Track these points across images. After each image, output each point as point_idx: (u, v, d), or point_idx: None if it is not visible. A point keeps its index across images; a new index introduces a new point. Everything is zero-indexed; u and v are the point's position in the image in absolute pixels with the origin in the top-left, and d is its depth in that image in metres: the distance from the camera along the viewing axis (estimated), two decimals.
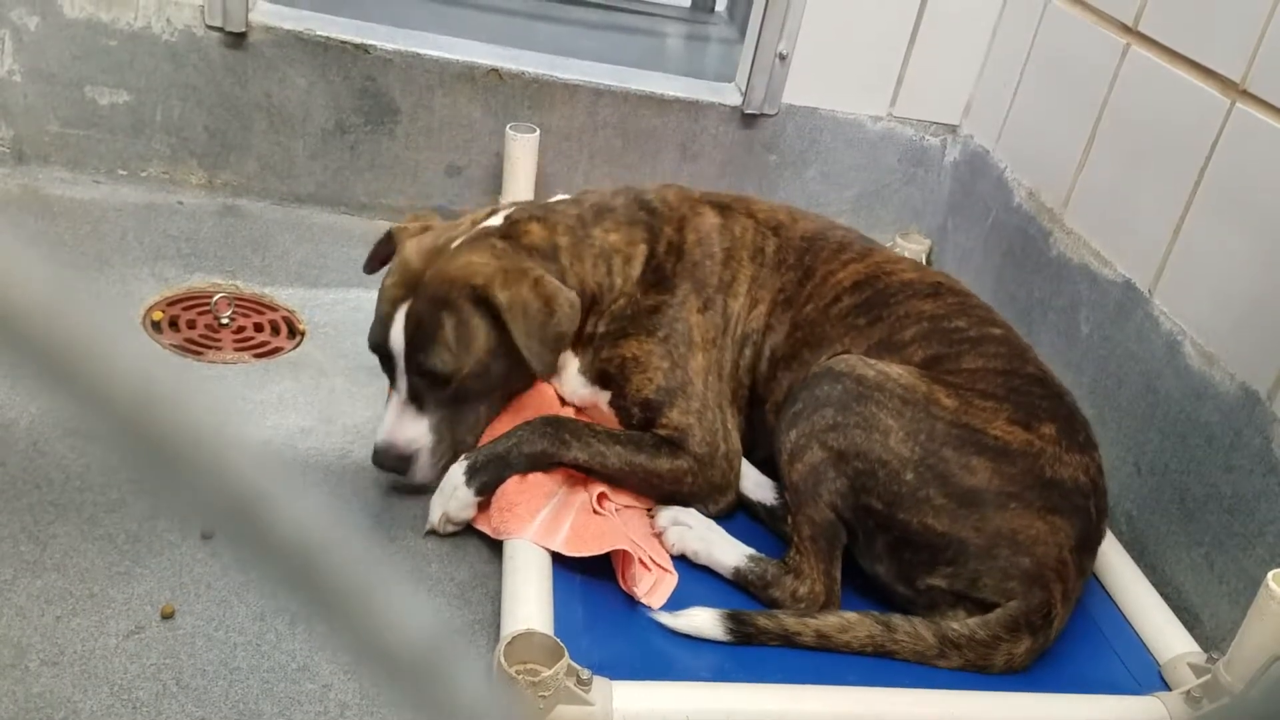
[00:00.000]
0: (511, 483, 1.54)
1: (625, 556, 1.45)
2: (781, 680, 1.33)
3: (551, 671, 1.18)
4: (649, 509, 1.60)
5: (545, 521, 1.50)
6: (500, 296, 1.47)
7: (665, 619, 1.41)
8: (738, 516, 1.64)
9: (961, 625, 1.41)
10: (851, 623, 1.41)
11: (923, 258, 2.48)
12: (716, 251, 1.67)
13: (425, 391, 1.53)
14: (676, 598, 1.46)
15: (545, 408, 1.66)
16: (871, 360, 1.49)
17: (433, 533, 1.56)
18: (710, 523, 1.57)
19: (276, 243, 2.26)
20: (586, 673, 1.23)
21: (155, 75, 2.28)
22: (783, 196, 2.50)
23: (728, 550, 1.52)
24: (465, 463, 1.55)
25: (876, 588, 1.49)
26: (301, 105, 2.34)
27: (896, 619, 1.42)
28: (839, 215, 2.51)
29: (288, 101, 2.33)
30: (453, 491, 1.54)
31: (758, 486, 1.65)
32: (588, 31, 3.05)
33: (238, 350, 1.91)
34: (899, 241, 2.50)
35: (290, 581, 0.31)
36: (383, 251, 1.69)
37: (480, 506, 1.55)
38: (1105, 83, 1.99)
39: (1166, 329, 1.75)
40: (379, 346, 1.56)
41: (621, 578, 1.45)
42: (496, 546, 1.52)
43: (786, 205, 1.82)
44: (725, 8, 3.47)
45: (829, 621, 1.40)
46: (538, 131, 2.31)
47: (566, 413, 1.67)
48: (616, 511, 1.56)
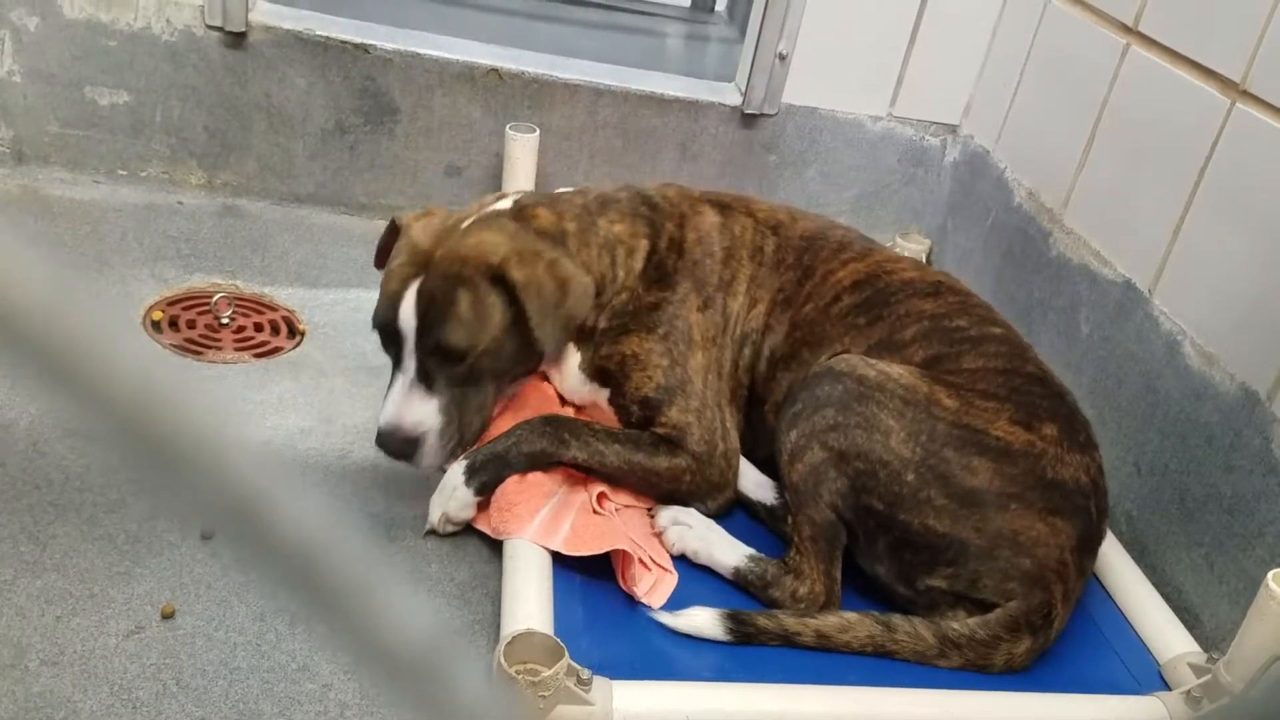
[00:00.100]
0: (511, 482, 1.54)
1: (625, 556, 1.45)
2: (781, 680, 1.33)
3: (551, 671, 1.18)
4: (649, 509, 1.60)
5: (545, 521, 1.50)
6: (516, 275, 1.46)
7: (665, 619, 1.41)
8: (738, 516, 1.64)
9: (961, 625, 1.41)
10: (851, 623, 1.41)
11: (923, 258, 2.48)
12: (716, 250, 1.67)
13: (436, 371, 1.49)
14: (676, 597, 1.46)
15: (545, 407, 1.66)
16: (872, 360, 1.48)
17: (432, 533, 1.56)
18: (710, 522, 1.57)
19: (276, 243, 2.26)
20: (586, 672, 1.23)
21: (155, 75, 2.28)
22: (783, 196, 2.50)
23: (728, 550, 1.52)
24: (464, 463, 1.55)
25: (877, 588, 1.49)
26: (301, 105, 2.34)
27: (896, 619, 1.42)
28: (839, 215, 2.51)
29: (287, 101, 2.33)
30: (452, 491, 1.54)
31: (758, 486, 1.65)
32: (588, 31, 3.05)
33: (237, 350, 1.91)
34: (899, 241, 2.50)
35: (290, 582, 0.31)
36: (388, 242, 1.66)
37: (480, 506, 1.55)
38: (1105, 83, 1.99)
39: (1166, 329, 1.75)
40: (386, 325, 1.50)
41: (621, 578, 1.45)
42: (496, 546, 1.52)
43: (786, 205, 1.82)
44: (725, 7, 3.47)
45: (829, 621, 1.40)
46: (538, 131, 2.31)
47: (566, 412, 1.67)
48: (616, 511, 1.56)
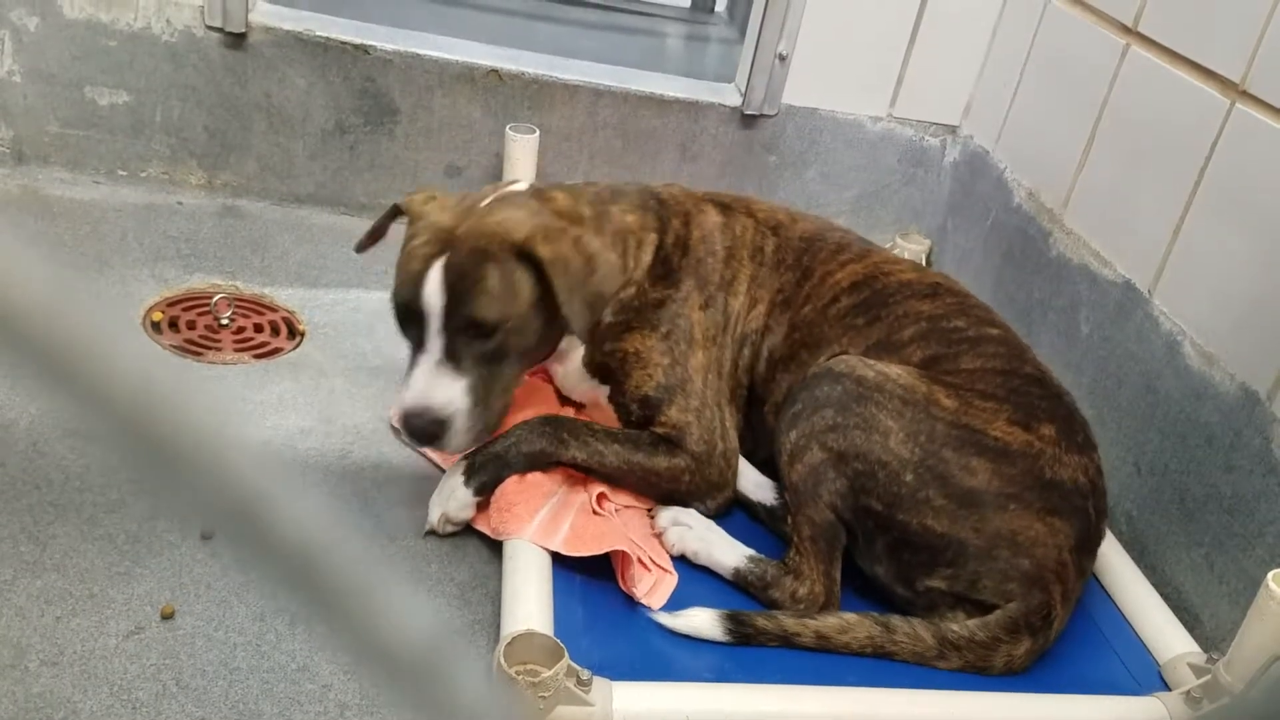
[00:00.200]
0: (510, 483, 1.54)
1: (625, 557, 1.45)
2: (781, 681, 1.33)
3: (551, 672, 1.18)
4: (649, 509, 1.61)
5: (544, 522, 1.50)
6: (543, 251, 1.44)
7: (664, 619, 1.41)
8: (737, 517, 1.64)
9: (961, 627, 1.41)
10: (851, 624, 1.41)
11: (922, 258, 2.48)
12: (718, 249, 1.67)
13: (463, 349, 1.44)
14: (676, 598, 1.46)
15: (544, 407, 1.66)
16: (871, 361, 1.48)
17: (432, 533, 1.56)
18: (710, 523, 1.57)
19: (276, 243, 2.26)
20: (586, 673, 1.23)
21: (155, 76, 2.28)
22: (782, 197, 2.50)
23: (727, 551, 1.52)
24: (464, 463, 1.55)
25: (876, 589, 1.49)
26: (301, 106, 2.34)
27: (896, 620, 1.42)
28: (839, 216, 2.51)
29: (287, 102, 2.33)
30: (451, 492, 1.54)
31: (758, 487, 1.65)
32: (587, 32, 3.05)
33: (237, 351, 1.90)
34: (899, 242, 2.50)
35: (290, 582, 0.31)
36: (385, 225, 1.62)
37: (479, 507, 1.55)
38: (1105, 83, 1.99)
39: (1166, 329, 1.75)
40: (409, 303, 1.46)
41: (621, 578, 1.45)
42: (496, 547, 1.52)
43: (785, 206, 1.82)
44: (725, 8, 3.47)
45: (828, 622, 1.41)
46: (537, 132, 2.31)
47: (565, 413, 1.67)
48: (616, 512, 1.56)
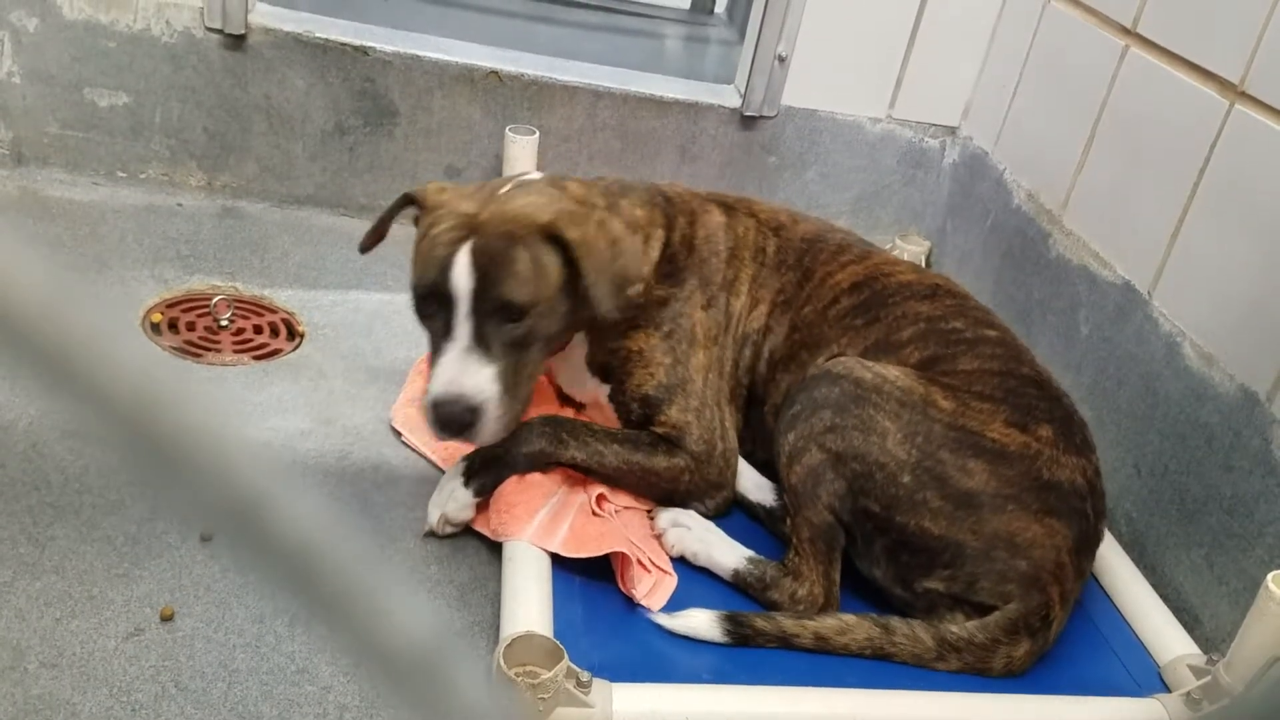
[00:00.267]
0: (510, 484, 1.54)
1: (624, 558, 1.45)
2: (780, 682, 1.33)
3: (551, 674, 1.18)
4: (648, 510, 1.61)
5: (544, 523, 1.50)
6: (571, 233, 1.44)
7: (664, 620, 1.41)
8: (737, 518, 1.64)
9: (960, 628, 1.41)
10: (850, 625, 1.41)
11: (922, 259, 2.48)
12: (722, 250, 1.67)
13: (492, 334, 1.42)
14: (675, 599, 1.46)
15: (544, 407, 1.66)
16: (869, 363, 1.49)
17: (431, 534, 1.56)
18: (710, 524, 1.57)
19: (276, 244, 2.26)
20: (586, 675, 1.23)
21: (154, 77, 2.28)
22: (782, 198, 2.50)
23: (727, 552, 1.52)
24: (463, 464, 1.55)
25: (875, 590, 1.49)
26: (300, 107, 2.34)
27: (895, 621, 1.42)
28: (838, 217, 2.51)
29: (287, 103, 2.33)
30: (451, 493, 1.54)
31: (757, 488, 1.65)
32: (587, 33, 3.05)
33: (237, 352, 1.90)
34: (898, 243, 2.50)
35: (290, 583, 0.31)
36: (392, 217, 1.58)
37: (479, 508, 1.55)
38: (1104, 84, 1.99)
39: (1166, 330, 1.75)
40: (435, 288, 1.42)
41: (621, 579, 1.45)
42: (496, 548, 1.52)
43: (787, 207, 1.83)
44: (724, 9, 3.47)
45: (827, 624, 1.41)
46: (537, 133, 2.31)
47: (565, 413, 1.67)
48: (616, 513, 1.56)
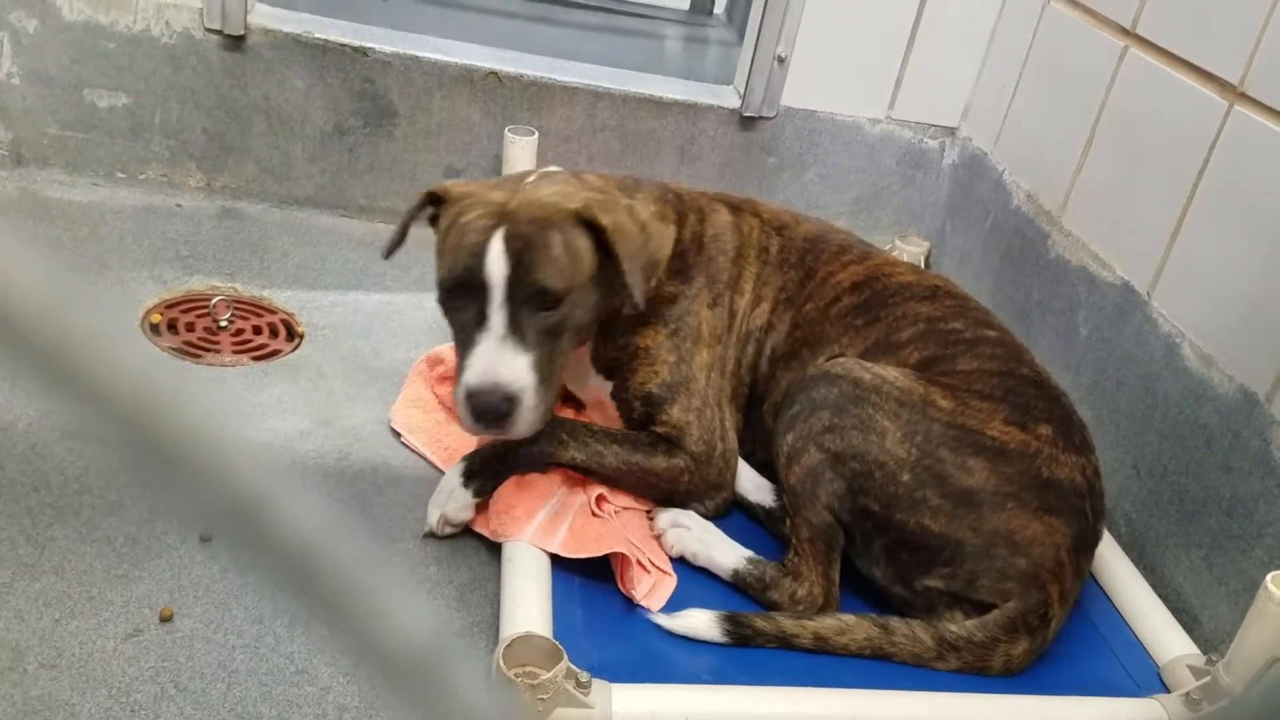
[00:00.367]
0: (509, 485, 1.54)
1: (624, 559, 1.45)
2: (780, 683, 1.33)
3: (550, 674, 1.18)
4: (648, 511, 1.61)
5: (543, 523, 1.50)
6: (604, 219, 1.44)
7: (663, 621, 1.41)
8: (736, 518, 1.65)
9: (959, 627, 1.41)
10: (849, 625, 1.41)
11: (921, 260, 2.48)
12: (729, 248, 1.68)
13: (527, 323, 1.41)
14: (675, 599, 1.46)
15: None
16: (868, 364, 1.49)
17: (431, 535, 1.56)
18: (709, 525, 1.57)
19: (275, 245, 2.26)
20: (585, 675, 1.23)
21: (154, 78, 2.28)
22: (781, 199, 2.50)
23: (726, 552, 1.52)
24: (463, 464, 1.55)
25: (874, 590, 1.49)
26: (300, 108, 2.34)
27: (894, 621, 1.42)
28: (838, 217, 2.51)
29: (286, 104, 2.33)
30: (450, 493, 1.54)
31: (756, 488, 1.65)
32: (586, 34, 3.05)
33: (236, 353, 1.90)
34: (898, 244, 2.50)
35: (289, 584, 0.31)
36: (414, 217, 1.56)
37: (478, 508, 1.56)
38: (1103, 85, 1.99)
39: (1165, 331, 1.75)
40: (469, 275, 1.40)
41: (620, 580, 1.45)
42: (495, 549, 1.52)
43: (789, 208, 1.83)
44: (724, 10, 3.47)
45: (827, 624, 1.41)
46: (536, 134, 2.31)
47: (565, 413, 1.67)
48: (615, 514, 1.56)
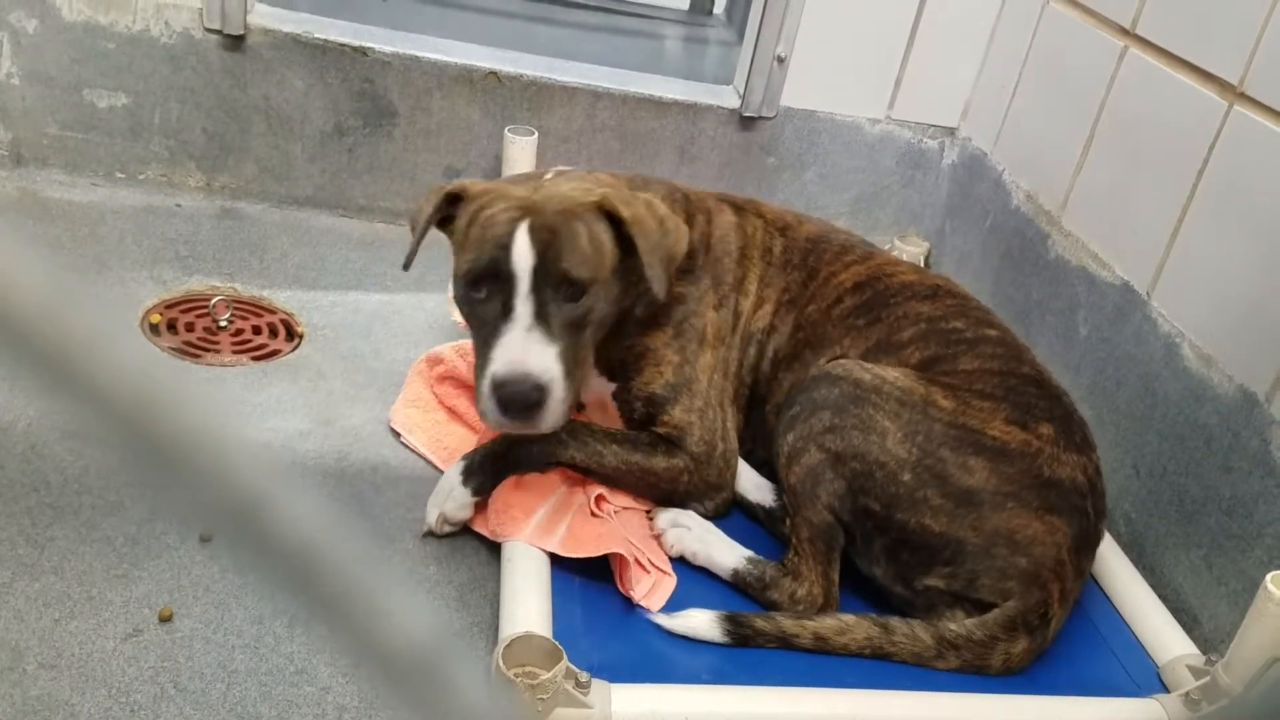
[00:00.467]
0: (508, 484, 1.54)
1: (622, 560, 1.44)
2: (780, 683, 1.33)
3: (550, 674, 1.18)
4: (647, 511, 1.61)
5: (542, 523, 1.50)
6: (624, 211, 1.46)
7: (663, 621, 1.41)
8: (736, 518, 1.64)
9: (959, 626, 1.41)
10: (849, 625, 1.41)
11: (921, 260, 2.48)
12: (733, 249, 1.68)
13: (553, 313, 1.40)
14: (675, 599, 1.46)
15: None
16: (868, 364, 1.49)
17: (430, 534, 1.56)
18: (709, 524, 1.57)
19: (275, 245, 2.26)
20: (585, 675, 1.23)
21: (153, 78, 2.28)
22: (781, 199, 2.50)
23: (726, 552, 1.52)
24: (462, 463, 1.55)
25: (875, 590, 1.49)
26: (300, 108, 2.34)
27: (894, 621, 1.42)
28: (837, 218, 2.51)
29: (286, 104, 2.33)
30: (449, 492, 1.54)
31: (756, 488, 1.65)
32: (586, 34, 3.05)
33: (236, 353, 1.90)
34: (897, 244, 2.50)
35: (289, 584, 0.31)
36: (433, 220, 1.51)
37: (478, 507, 1.56)
38: (1103, 85, 1.99)
39: (1165, 331, 1.75)
40: (494, 265, 1.39)
41: (620, 580, 1.45)
42: (495, 549, 1.52)
43: (791, 208, 1.83)
44: (723, 10, 3.47)
45: (827, 624, 1.41)
46: (536, 134, 2.31)
47: None
48: (615, 513, 1.56)
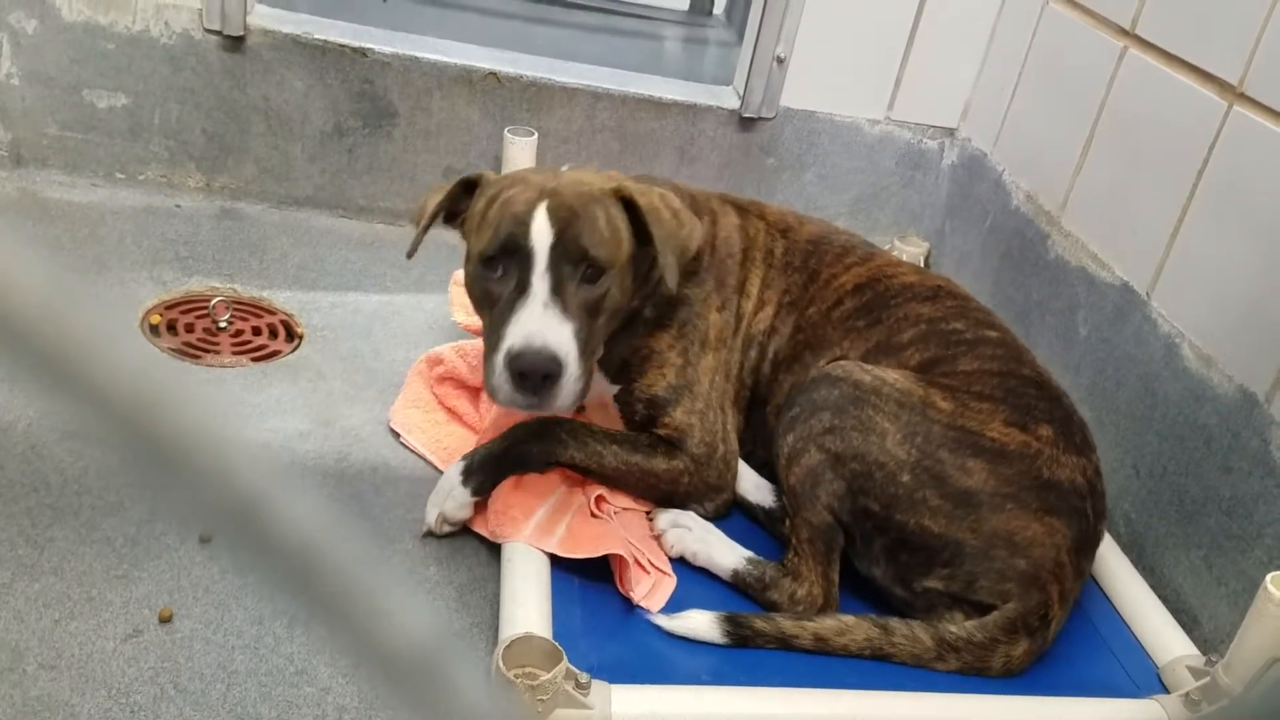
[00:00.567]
0: (508, 484, 1.54)
1: (621, 561, 1.44)
2: (779, 683, 1.33)
3: (550, 675, 1.18)
4: (647, 512, 1.61)
5: (541, 523, 1.50)
6: (640, 199, 1.47)
7: (663, 622, 1.41)
8: (736, 519, 1.65)
9: (959, 628, 1.41)
10: (849, 626, 1.41)
11: (921, 261, 2.48)
12: (736, 251, 1.68)
13: (570, 292, 1.40)
14: (675, 600, 1.46)
15: None
16: (868, 366, 1.49)
17: (430, 534, 1.56)
18: (709, 525, 1.57)
19: (274, 246, 2.26)
20: (585, 676, 1.23)
21: (153, 78, 2.28)
22: (781, 199, 2.50)
23: (726, 553, 1.52)
24: (462, 463, 1.55)
25: (874, 591, 1.49)
26: (299, 108, 2.34)
27: (894, 622, 1.42)
28: (837, 218, 2.51)
29: (285, 104, 2.33)
30: (449, 492, 1.54)
31: (756, 489, 1.65)
32: (586, 35, 3.05)
33: (236, 354, 1.90)
34: (897, 244, 2.50)
35: (289, 584, 0.31)
36: (445, 205, 1.52)
37: (477, 507, 1.55)
38: (1103, 85, 1.99)
39: (1164, 331, 1.75)
40: (514, 239, 1.39)
41: (619, 581, 1.45)
42: (495, 549, 1.52)
43: (792, 209, 1.83)
44: (723, 11, 3.47)
45: (826, 624, 1.41)
46: (536, 134, 2.31)
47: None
48: (615, 514, 1.56)
